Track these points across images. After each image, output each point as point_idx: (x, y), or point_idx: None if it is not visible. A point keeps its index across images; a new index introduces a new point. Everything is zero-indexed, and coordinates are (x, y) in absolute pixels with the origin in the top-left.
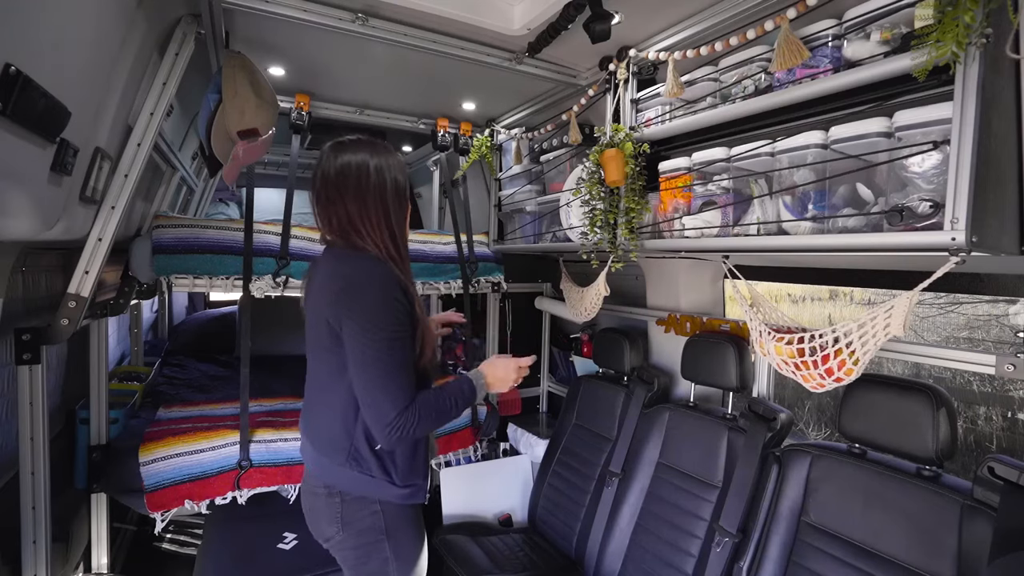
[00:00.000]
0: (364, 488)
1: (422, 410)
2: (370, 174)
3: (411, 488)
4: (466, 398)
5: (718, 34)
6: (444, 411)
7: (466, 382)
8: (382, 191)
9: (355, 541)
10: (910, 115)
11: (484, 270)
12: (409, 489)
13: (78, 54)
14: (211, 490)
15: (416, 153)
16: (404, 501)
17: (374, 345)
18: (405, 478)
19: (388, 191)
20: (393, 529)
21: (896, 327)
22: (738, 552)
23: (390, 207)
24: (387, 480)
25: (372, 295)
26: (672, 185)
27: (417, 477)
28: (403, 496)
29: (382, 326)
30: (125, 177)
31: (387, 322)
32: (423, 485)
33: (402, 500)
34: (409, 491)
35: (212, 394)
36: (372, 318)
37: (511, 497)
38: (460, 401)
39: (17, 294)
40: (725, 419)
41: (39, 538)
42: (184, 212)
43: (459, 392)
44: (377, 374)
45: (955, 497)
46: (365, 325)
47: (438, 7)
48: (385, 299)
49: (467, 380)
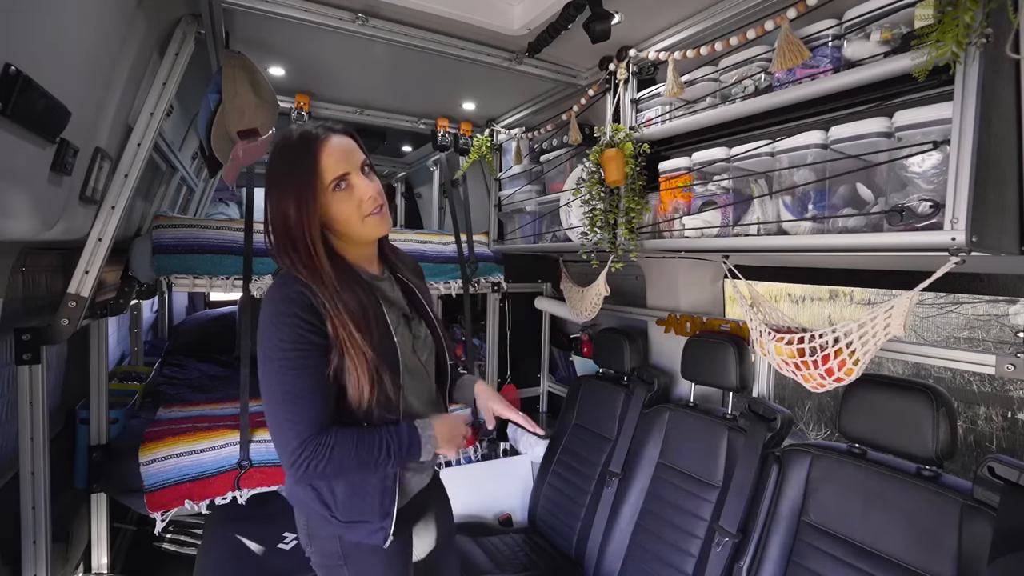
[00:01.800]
0: (311, 513)
1: (336, 447)
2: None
3: (360, 526)
4: (404, 446)
5: (718, 34)
6: (367, 454)
7: (407, 430)
8: (269, 201)
9: (319, 559)
10: (910, 115)
11: (484, 270)
12: (357, 527)
13: (78, 54)
14: (211, 490)
15: (416, 153)
16: (354, 539)
17: (269, 368)
18: (347, 514)
19: (273, 203)
20: (351, 557)
21: (896, 327)
22: (738, 552)
23: (283, 225)
24: (327, 512)
25: (266, 313)
26: (672, 185)
27: (367, 515)
28: (351, 533)
29: (276, 347)
30: (125, 177)
31: (280, 343)
32: (381, 525)
33: (351, 538)
34: (357, 529)
35: (212, 394)
36: (265, 339)
37: (511, 497)
38: (394, 448)
39: (17, 294)
40: (725, 419)
41: (39, 538)
42: (184, 212)
43: (396, 438)
44: (274, 401)
45: (955, 497)
46: (260, 346)
47: (438, 7)
48: (276, 318)
49: (410, 428)
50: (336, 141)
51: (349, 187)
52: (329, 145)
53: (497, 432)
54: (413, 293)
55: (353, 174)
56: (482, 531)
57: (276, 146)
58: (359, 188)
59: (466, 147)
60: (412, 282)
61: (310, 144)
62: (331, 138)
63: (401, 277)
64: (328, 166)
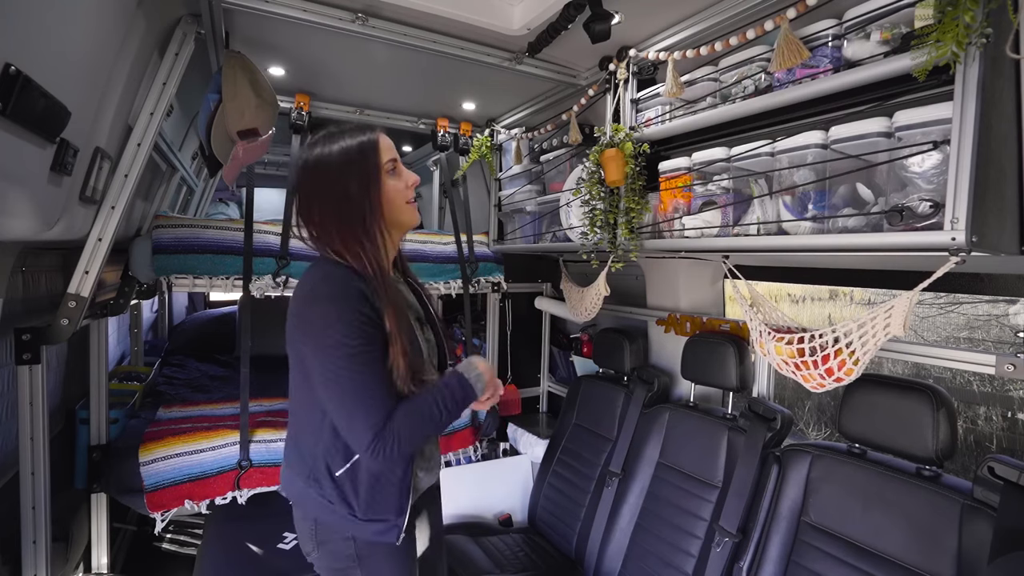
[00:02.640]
0: (325, 514)
1: (405, 423)
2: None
3: (377, 524)
4: (456, 396)
5: (718, 34)
6: (432, 417)
7: (456, 379)
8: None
9: (329, 563)
10: (910, 115)
11: (484, 270)
12: (374, 525)
13: (78, 54)
14: (211, 490)
15: (416, 153)
16: (369, 537)
17: (334, 363)
18: (368, 511)
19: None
20: (366, 557)
21: (896, 327)
22: (738, 552)
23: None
24: (348, 511)
25: (326, 306)
26: (672, 185)
27: (386, 512)
28: (367, 531)
29: (342, 342)
30: (125, 177)
31: (347, 338)
32: (395, 522)
33: (366, 536)
34: (373, 527)
35: (212, 394)
36: (328, 332)
37: (511, 497)
38: (450, 401)
39: (17, 294)
40: (725, 419)
41: (39, 538)
42: (184, 212)
43: (446, 391)
44: (344, 394)
45: (955, 497)
46: (320, 342)
47: (438, 7)
48: (341, 313)
49: (454, 376)
50: (384, 135)
51: (398, 171)
52: (382, 135)
53: (497, 432)
54: (422, 297)
55: (398, 162)
56: (482, 531)
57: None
58: (404, 171)
59: (466, 147)
60: (421, 287)
61: (369, 133)
62: (380, 132)
63: (411, 281)
64: (385, 149)
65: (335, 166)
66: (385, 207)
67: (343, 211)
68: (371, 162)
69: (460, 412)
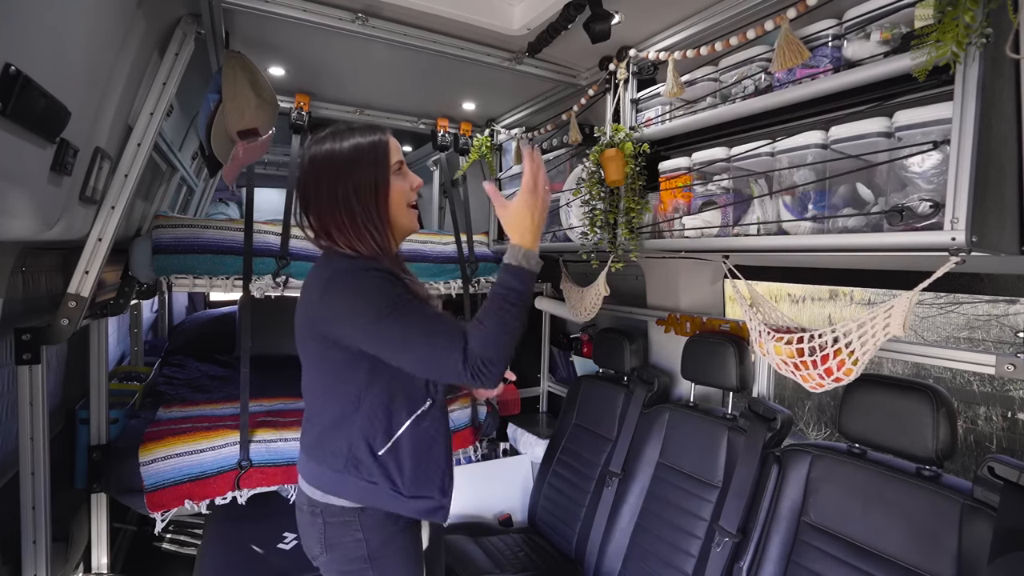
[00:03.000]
0: (366, 497)
1: (483, 333)
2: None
3: (422, 500)
4: (517, 286)
5: (718, 34)
6: (508, 318)
7: (506, 273)
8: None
9: (339, 565)
10: (910, 115)
11: (484, 270)
12: (419, 502)
13: (78, 54)
14: (211, 490)
15: (416, 153)
16: (414, 515)
17: (388, 321)
18: (412, 487)
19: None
20: (378, 557)
21: (896, 327)
22: (738, 552)
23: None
24: (391, 487)
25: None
26: (672, 185)
27: (429, 489)
28: (412, 508)
29: (386, 302)
30: (125, 177)
31: (389, 296)
32: (440, 501)
33: (412, 514)
34: (419, 504)
35: (212, 394)
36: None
37: (511, 497)
38: (514, 294)
39: (17, 294)
40: (725, 419)
41: (39, 538)
42: (184, 212)
43: (506, 287)
44: (413, 340)
45: (955, 497)
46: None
47: (438, 7)
48: (372, 281)
49: (506, 269)
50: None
51: (403, 172)
52: (390, 136)
53: (497, 432)
54: None
55: (403, 163)
56: (482, 531)
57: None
58: (409, 175)
59: (466, 147)
60: None
61: (380, 133)
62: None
63: None
64: (394, 150)
65: (345, 161)
66: (390, 208)
67: (352, 204)
68: (382, 161)
69: (531, 292)
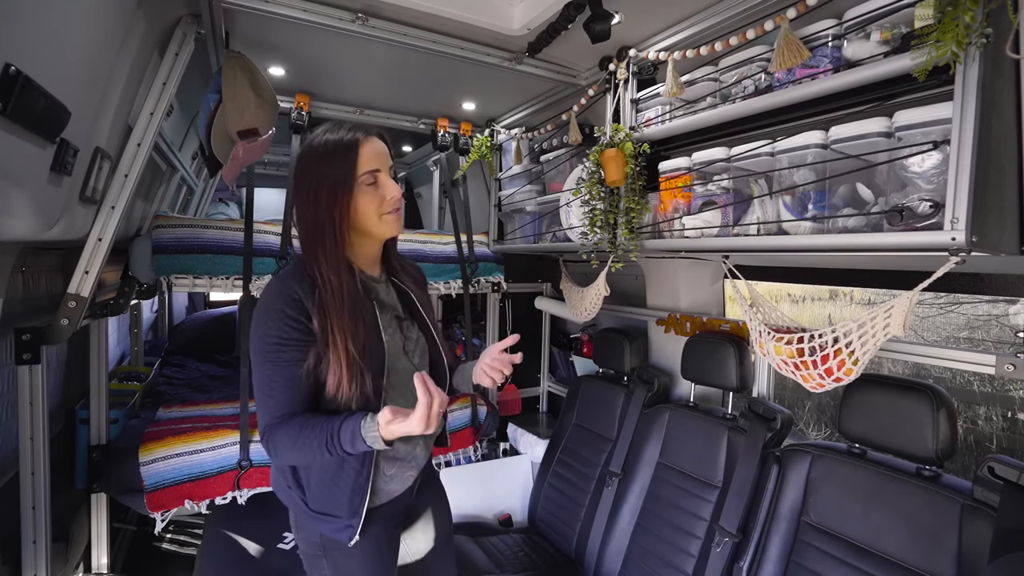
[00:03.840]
0: (287, 499)
1: (283, 438)
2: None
3: (328, 520)
4: (335, 441)
5: (718, 34)
6: (303, 447)
7: (347, 422)
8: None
9: (303, 547)
10: (910, 115)
11: (484, 270)
12: (325, 521)
13: (78, 54)
14: (211, 490)
15: (416, 153)
16: (320, 531)
17: (253, 361)
18: (318, 504)
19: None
20: (331, 549)
21: (896, 327)
22: (738, 552)
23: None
24: (300, 497)
25: (258, 308)
26: (672, 185)
27: (337, 509)
28: (318, 525)
29: (258, 342)
30: (125, 177)
31: (264, 338)
32: (348, 522)
33: (319, 530)
34: (325, 523)
35: (212, 394)
36: (253, 333)
37: (511, 497)
38: (327, 443)
39: (17, 294)
40: (725, 419)
41: (39, 538)
42: (184, 212)
43: (327, 431)
44: (255, 390)
45: (955, 497)
46: (251, 339)
47: (438, 7)
48: (263, 314)
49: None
50: (375, 140)
51: (376, 183)
52: (370, 140)
53: (497, 432)
54: (408, 297)
55: (383, 172)
56: (482, 531)
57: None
58: (385, 186)
59: (466, 147)
60: (410, 288)
61: (354, 136)
62: (372, 136)
63: (397, 282)
64: (366, 158)
65: (314, 161)
66: (355, 217)
67: (309, 214)
68: (346, 165)
69: (340, 453)
